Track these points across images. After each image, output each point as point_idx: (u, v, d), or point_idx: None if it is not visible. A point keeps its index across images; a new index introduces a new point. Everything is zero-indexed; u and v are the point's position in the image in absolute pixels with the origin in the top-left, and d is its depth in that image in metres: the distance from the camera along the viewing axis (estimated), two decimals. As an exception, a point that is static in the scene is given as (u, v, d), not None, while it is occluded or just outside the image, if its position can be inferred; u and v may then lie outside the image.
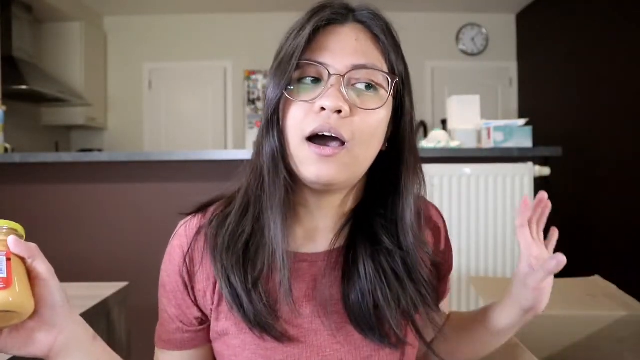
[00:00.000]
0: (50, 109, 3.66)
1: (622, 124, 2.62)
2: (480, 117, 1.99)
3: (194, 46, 4.05)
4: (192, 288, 0.54)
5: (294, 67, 0.48)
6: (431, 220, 0.64)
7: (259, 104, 4.05)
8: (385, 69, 0.51)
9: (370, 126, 0.49)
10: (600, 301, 0.99)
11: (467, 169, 1.77)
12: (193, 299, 0.54)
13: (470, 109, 1.99)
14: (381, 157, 0.54)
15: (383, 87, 0.51)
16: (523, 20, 3.96)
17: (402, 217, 0.55)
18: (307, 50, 0.49)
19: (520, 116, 3.66)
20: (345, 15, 0.51)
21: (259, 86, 4.04)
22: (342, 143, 0.48)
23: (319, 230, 0.57)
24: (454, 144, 1.88)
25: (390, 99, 0.52)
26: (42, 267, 0.46)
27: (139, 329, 1.42)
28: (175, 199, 1.89)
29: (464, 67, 4.09)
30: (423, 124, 3.60)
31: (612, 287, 1.08)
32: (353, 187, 0.56)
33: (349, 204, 0.57)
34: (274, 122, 0.50)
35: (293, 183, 0.51)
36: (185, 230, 0.56)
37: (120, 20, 4.06)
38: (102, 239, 1.89)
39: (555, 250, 0.60)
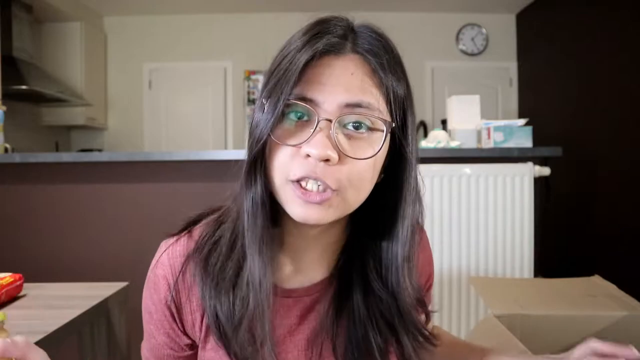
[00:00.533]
0: (50, 109, 3.66)
1: (622, 124, 2.62)
2: (480, 117, 1.99)
3: (194, 46, 4.05)
4: (181, 320, 0.53)
5: (280, 109, 0.44)
6: (425, 249, 0.63)
7: (259, 104, 4.05)
8: (383, 107, 0.46)
9: (360, 172, 0.46)
10: (600, 301, 0.99)
11: (467, 169, 1.77)
12: (182, 329, 0.54)
13: (470, 109, 1.99)
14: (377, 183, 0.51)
15: (377, 129, 0.46)
16: (523, 20, 3.96)
17: (394, 256, 0.52)
18: (298, 82, 0.44)
19: (520, 116, 3.66)
20: (342, 44, 0.47)
21: (259, 86, 4.03)
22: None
23: (307, 262, 0.55)
24: (454, 144, 1.88)
25: (385, 142, 0.47)
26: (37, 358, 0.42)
27: (139, 329, 1.42)
28: (175, 199, 1.89)
29: (464, 67, 4.09)
30: (423, 124, 3.60)
31: (612, 287, 1.08)
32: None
33: (337, 232, 0.55)
34: (256, 165, 0.47)
35: (277, 218, 0.50)
36: (169, 258, 0.53)
37: (120, 20, 4.06)
38: (102, 239, 1.89)
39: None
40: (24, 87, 2.89)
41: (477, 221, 1.78)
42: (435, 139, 1.91)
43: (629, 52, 2.57)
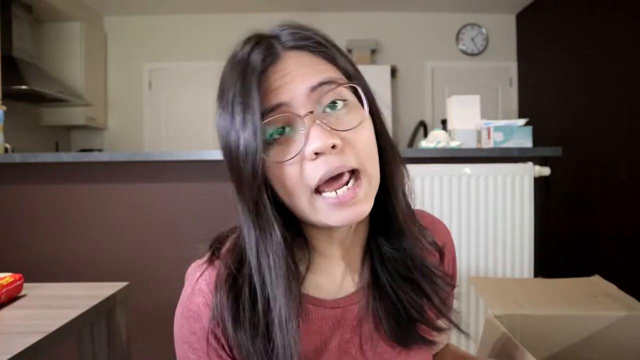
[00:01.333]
0: (50, 109, 3.66)
1: (622, 123, 2.62)
2: (480, 117, 1.99)
3: (194, 46, 4.05)
4: (229, 345, 0.50)
5: (260, 146, 0.43)
6: (440, 239, 0.62)
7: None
8: (339, 75, 0.48)
9: (367, 139, 0.47)
10: (600, 301, 0.99)
11: (467, 169, 1.77)
12: (230, 354, 0.51)
13: (470, 109, 1.99)
14: None
15: (350, 98, 0.48)
16: (523, 20, 3.96)
17: (395, 216, 0.52)
18: (261, 100, 0.44)
19: (520, 116, 3.67)
20: (273, 49, 0.47)
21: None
22: (352, 171, 0.46)
23: (338, 271, 0.55)
24: (454, 144, 1.88)
25: (363, 102, 0.48)
26: None
27: (139, 329, 1.42)
28: (175, 199, 1.89)
29: (464, 67, 4.09)
30: (423, 124, 3.61)
31: (612, 287, 1.08)
32: None
33: (360, 233, 0.55)
34: (262, 207, 0.46)
35: (295, 229, 0.50)
36: (207, 284, 0.50)
37: (120, 20, 4.06)
38: (102, 239, 1.88)
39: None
40: (24, 87, 2.89)
41: (477, 221, 1.78)
42: (435, 139, 1.91)
43: (629, 52, 2.57)
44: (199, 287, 0.51)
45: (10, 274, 1.02)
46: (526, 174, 1.76)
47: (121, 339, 1.12)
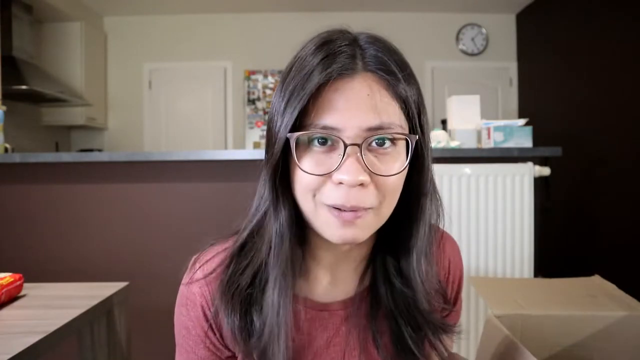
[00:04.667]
0: (50, 109, 3.66)
1: (622, 123, 2.62)
2: (480, 117, 1.99)
3: (194, 46, 4.06)
4: (220, 333, 0.53)
5: (293, 134, 0.45)
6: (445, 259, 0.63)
7: (259, 104, 4.06)
8: (402, 120, 0.47)
9: (392, 186, 0.46)
10: (600, 301, 0.99)
11: (467, 169, 1.77)
12: (222, 342, 0.54)
13: (470, 109, 1.99)
14: None
15: (399, 142, 0.47)
16: (523, 20, 3.96)
17: (412, 254, 0.53)
18: (313, 110, 0.44)
19: (520, 116, 3.67)
20: (354, 65, 0.45)
21: (259, 86, 4.04)
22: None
23: (341, 276, 0.56)
24: (454, 144, 1.88)
25: (409, 154, 0.47)
26: None
27: (139, 329, 1.42)
28: (175, 199, 1.89)
29: (464, 67, 4.09)
30: (423, 124, 3.61)
31: (612, 287, 1.08)
32: None
33: (368, 246, 0.56)
34: (279, 191, 0.48)
35: (304, 236, 0.52)
36: (204, 274, 0.54)
37: (120, 20, 4.06)
38: (102, 239, 1.89)
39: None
40: (24, 87, 2.89)
41: (477, 221, 1.78)
42: (435, 139, 1.91)
43: (628, 52, 2.57)
44: (197, 276, 0.54)
45: (10, 274, 1.02)
46: (526, 174, 1.76)
47: (121, 339, 1.12)
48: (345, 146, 0.44)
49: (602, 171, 2.79)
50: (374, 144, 0.46)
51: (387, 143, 0.46)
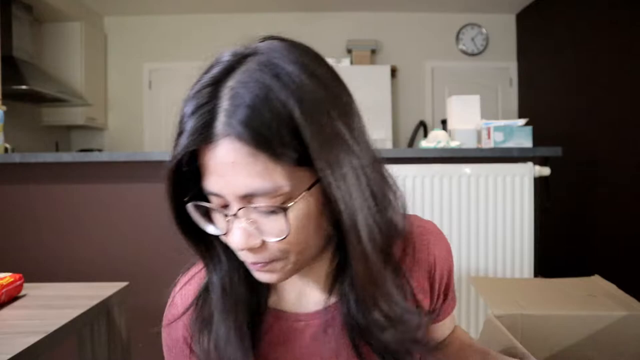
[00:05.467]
0: (50, 109, 3.66)
1: (622, 123, 2.62)
2: (480, 117, 2.00)
3: (194, 46, 4.05)
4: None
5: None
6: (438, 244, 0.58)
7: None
8: (282, 177, 0.39)
9: (292, 239, 0.42)
10: (600, 301, 0.99)
11: (467, 169, 1.77)
12: None
13: (470, 109, 1.99)
14: None
15: (288, 201, 0.40)
16: (523, 20, 3.96)
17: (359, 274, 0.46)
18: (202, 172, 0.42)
19: (520, 116, 3.67)
20: (210, 129, 0.40)
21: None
22: None
23: (309, 287, 0.55)
24: (454, 144, 1.88)
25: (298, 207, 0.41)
26: None
27: (139, 329, 1.42)
28: (175, 199, 1.89)
29: (464, 67, 4.09)
30: (423, 124, 3.61)
31: (612, 287, 1.08)
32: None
33: (327, 260, 0.52)
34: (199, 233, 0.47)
35: None
36: (182, 299, 0.54)
37: (120, 20, 4.06)
38: (102, 239, 1.89)
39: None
40: (24, 87, 2.89)
41: (477, 221, 1.78)
42: (435, 139, 1.91)
43: (628, 52, 2.57)
44: (175, 302, 0.55)
45: (10, 274, 1.02)
46: (526, 174, 1.76)
47: (121, 339, 1.12)
48: (227, 215, 0.41)
49: (602, 171, 2.79)
50: (257, 212, 0.41)
51: (271, 211, 0.41)
